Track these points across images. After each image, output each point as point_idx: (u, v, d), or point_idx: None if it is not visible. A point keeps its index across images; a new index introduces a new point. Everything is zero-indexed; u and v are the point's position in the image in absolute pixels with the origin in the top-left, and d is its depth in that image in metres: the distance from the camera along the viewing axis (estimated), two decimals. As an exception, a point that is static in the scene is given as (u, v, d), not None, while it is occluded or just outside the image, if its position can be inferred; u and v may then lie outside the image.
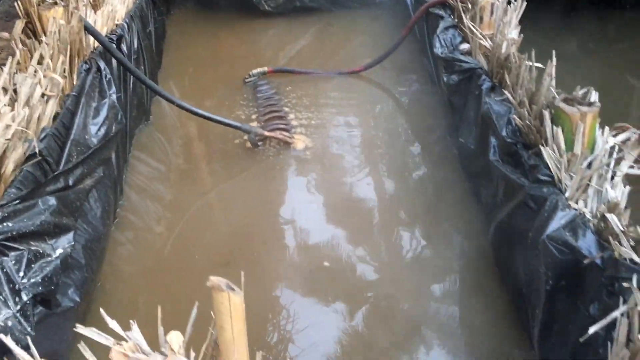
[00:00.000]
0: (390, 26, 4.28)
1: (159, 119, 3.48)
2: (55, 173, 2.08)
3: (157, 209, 2.92)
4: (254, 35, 4.41)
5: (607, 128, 1.99)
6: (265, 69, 3.76)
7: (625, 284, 1.39)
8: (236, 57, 4.16)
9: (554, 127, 1.88)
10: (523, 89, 2.17)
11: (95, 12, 2.89)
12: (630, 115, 3.73)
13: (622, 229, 1.49)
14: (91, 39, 2.70)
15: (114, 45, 2.87)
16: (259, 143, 3.15)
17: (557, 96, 1.96)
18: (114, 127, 2.61)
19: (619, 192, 1.74)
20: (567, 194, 1.83)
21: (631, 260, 1.42)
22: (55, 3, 2.61)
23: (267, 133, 3.15)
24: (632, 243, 1.45)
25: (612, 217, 1.53)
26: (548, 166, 1.90)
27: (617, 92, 3.85)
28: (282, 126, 3.27)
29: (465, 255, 2.48)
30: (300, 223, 2.74)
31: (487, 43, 2.57)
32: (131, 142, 3.15)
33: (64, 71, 2.44)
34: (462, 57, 2.66)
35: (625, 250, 1.43)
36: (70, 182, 2.14)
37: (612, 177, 1.86)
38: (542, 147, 1.90)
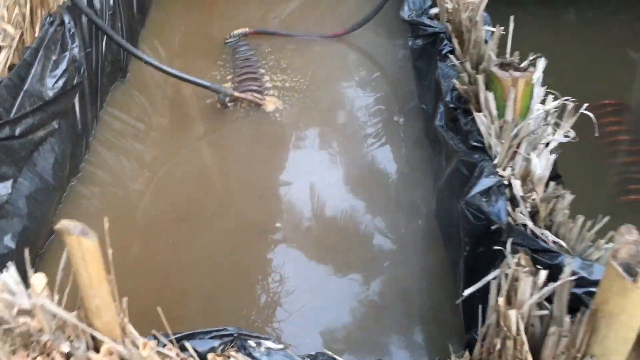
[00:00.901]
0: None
1: (137, 76, 3.49)
2: (0, 122, 2.12)
3: (127, 165, 2.97)
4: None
5: (550, 97, 1.95)
6: (247, 30, 3.73)
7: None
8: (225, 17, 4.12)
9: (487, 92, 1.84)
10: (473, 54, 2.12)
11: (65, -35, 2.89)
12: (630, 89, 3.63)
13: (521, 195, 1.46)
14: (60, -8, 2.71)
15: (84, 0, 2.88)
16: (229, 104, 3.15)
17: (493, 60, 1.91)
18: (75, 81, 2.64)
19: (543, 161, 1.70)
20: (495, 161, 1.80)
21: (524, 225, 1.39)
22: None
23: (237, 94, 3.15)
24: (529, 209, 1.43)
25: (515, 183, 1.50)
26: (480, 132, 1.87)
27: (616, 65, 3.75)
28: (254, 88, 3.26)
29: (416, 226, 2.47)
30: (255, 182, 2.77)
31: (451, 6, 2.50)
32: (104, 98, 3.18)
33: (23, 22, 2.46)
34: (426, 21, 2.61)
35: (521, 216, 1.41)
36: (17, 132, 2.17)
37: (547, 145, 1.82)
38: (474, 113, 1.86)
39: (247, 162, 2.91)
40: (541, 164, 1.68)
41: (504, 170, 1.77)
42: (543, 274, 1.17)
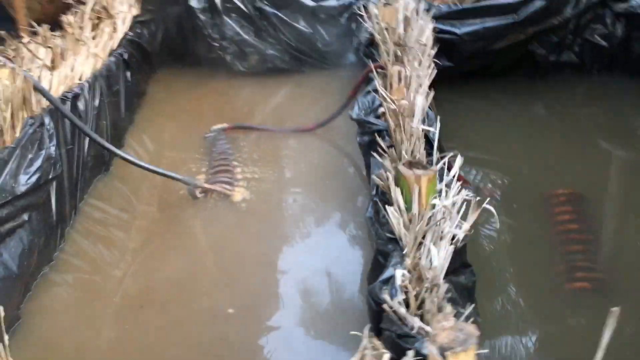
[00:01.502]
0: (362, 86, 4.49)
1: (121, 169, 3.74)
2: (-32, 215, 2.34)
3: (103, 253, 3.16)
4: (231, 93, 4.69)
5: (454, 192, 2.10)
6: (225, 125, 4.01)
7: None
8: (212, 114, 4.43)
9: (395, 188, 2.01)
10: (393, 152, 2.31)
11: (51, 73, 3.22)
12: (608, 179, 3.74)
13: (399, 284, 1.60)
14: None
15: (68, 103, 3.18)
16: (200, 195, 3.36)
17: (405, 158, 2.09)
18: (50, 176, 2.88)
19: (442, 251, 1.84)
20: (404, 251, 1.94)
21: (395, 313, 1.52)
22: (5, 64, 2.94)
23: (206, 185, 3.37)
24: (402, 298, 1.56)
25: (397, 273, 1.64)
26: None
27: (591, 156, 3.90)
28: (224, 179, 3.48)
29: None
30: (215, 269, 2.93)
31: (394, 106, 2.72)
32: (85, 190, 3.42)
33: (4, 124, 2.75)
34: (371, 119, 2.83)
35: (396, 304, 1.53)
36: (-16, 224, 2.40)
37: (453, 238, 1.96)
38: (387, 207, 2.02)
39: (210, 249, 3.08)
40: (440, 255, 1.82)
41: (412, 259, 1.91)
42: (386, 357, 1.29)
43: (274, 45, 4.61)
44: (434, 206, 2.00)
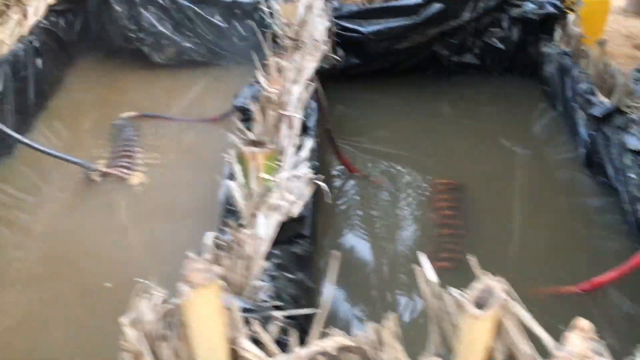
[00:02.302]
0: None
1: (27, 153, 3.82)
2: None
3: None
4: (148, 84, 4.79)
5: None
6: (133, 113, 4.13)
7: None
8: (128, 103, 4.53)
9: (236, 164, 2.18)
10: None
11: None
12: (510, 175, 3.97)
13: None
14: None
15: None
16: (97, 178, 3.48)
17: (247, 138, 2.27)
18: None
19: (269, 221, 2.01)
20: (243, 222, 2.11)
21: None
22: None
23: (104, 169, 3.49)
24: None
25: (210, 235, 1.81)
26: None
27: (493, 152, 4.13)
28: (124, 164, 3.60)
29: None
30: (107, 249, 3.07)
31: (267, 94, 2.89)
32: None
33: None
34: (249, 107, 2.99)
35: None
36: None
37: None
38: (227, 181, 2.19)
39: (105, 231, 3.21)
40: (266, 224, 1.99)
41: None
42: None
43: (191, 39, 4.74)
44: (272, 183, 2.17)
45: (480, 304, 1.37)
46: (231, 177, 2.35)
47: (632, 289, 2.83)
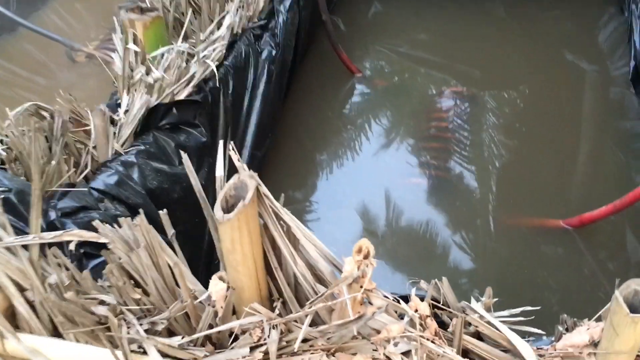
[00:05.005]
0: None
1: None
2: None
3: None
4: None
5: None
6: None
7: None
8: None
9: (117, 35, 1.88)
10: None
11: None
12: (558, 91, 3.40)
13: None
14: None
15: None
16: (85, 58, 3.36)
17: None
18: None
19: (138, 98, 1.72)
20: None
21: None
22: None
23: (85, 49, 3.34)
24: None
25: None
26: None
27: (553, 66, 3.53)
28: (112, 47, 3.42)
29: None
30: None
31: None
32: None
33: None
34: None
35: None
36: None
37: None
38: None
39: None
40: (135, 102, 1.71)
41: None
42: None
43: None
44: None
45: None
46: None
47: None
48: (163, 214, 1.14)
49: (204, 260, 1.97)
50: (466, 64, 3.46)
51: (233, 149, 1.03)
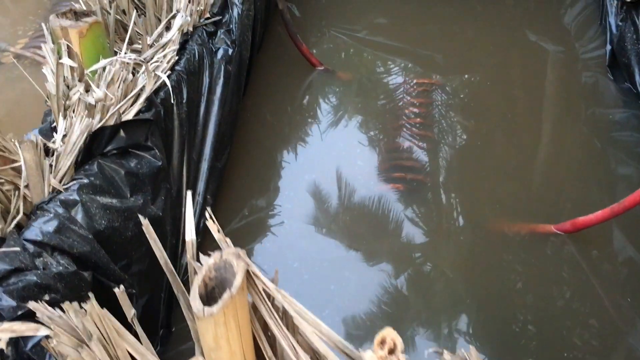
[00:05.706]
0: None
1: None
2: None
3: None
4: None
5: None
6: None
7: None
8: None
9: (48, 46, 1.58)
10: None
11: None
12: (525, 75, 3.23)
13: None
14: None
15: None
16: (8, 60, 2.99)
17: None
18: None
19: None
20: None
21: None
22: None
23: (13, 49, 2.97)
24: None
25: None
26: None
27: (514, 47, 3.36)
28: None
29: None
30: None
31: None
32: None
33: None
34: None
35: None
36: None
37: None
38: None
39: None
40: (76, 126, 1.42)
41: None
42: None
43: None
44: (96, 60, 1.57)
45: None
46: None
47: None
48: (120, 292, 0.90)
49: (166, 300, 1.71)
50: (428, 49, 3.27)
51: (211, 217, 0.79)
